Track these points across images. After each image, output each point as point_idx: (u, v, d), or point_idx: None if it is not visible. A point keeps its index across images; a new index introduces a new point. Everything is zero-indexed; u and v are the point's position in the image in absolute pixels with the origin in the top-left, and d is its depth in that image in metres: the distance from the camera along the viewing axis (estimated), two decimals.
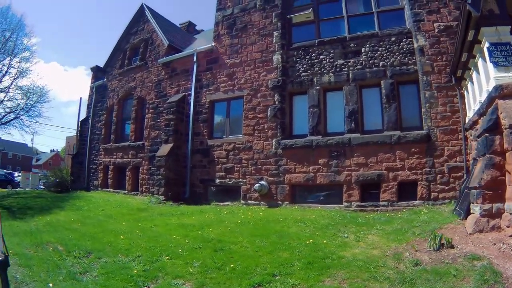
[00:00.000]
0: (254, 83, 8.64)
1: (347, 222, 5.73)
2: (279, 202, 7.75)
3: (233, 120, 9.02)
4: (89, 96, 15.14)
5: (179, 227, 5.93)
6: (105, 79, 14.05)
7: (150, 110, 11.24)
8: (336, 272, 3.46)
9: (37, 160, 55.60)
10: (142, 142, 11.23)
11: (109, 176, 12.53)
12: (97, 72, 14.96)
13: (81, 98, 29.17)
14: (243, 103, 8.77)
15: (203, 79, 9.75)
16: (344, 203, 7.10)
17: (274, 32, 8.65)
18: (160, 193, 9.11)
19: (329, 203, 7.27)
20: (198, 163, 9.26)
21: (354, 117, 7.43)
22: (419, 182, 6.64)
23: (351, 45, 7.76)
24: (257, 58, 8.77)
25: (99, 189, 12.79)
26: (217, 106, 9.41)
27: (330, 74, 7.83)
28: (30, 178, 18.45)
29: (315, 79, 7.97)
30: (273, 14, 8.84)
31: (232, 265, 3.83)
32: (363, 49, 7.62)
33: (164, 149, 9.50)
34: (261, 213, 6.76)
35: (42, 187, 18.73)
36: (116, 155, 12.34)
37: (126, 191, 11.45)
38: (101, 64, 14.72)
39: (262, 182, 7.92)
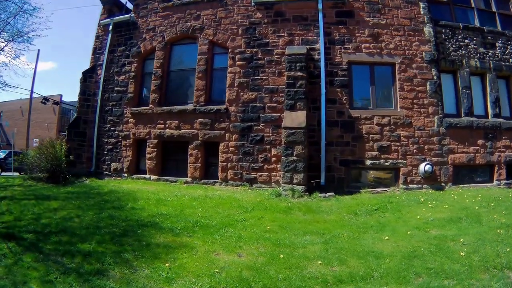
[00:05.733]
0: (407, 51, 7.57)
1: None
2: (443, 184, 7.09)
3: (379, 89, 7.54)
4: (98, 37, 9.75)
5: None
6: (133, 14, 9.08)
7: (238, 62, 7.80)
8: None
9: None
10: (224, 106, 7.60)
11: (147, 156, 8.00)
12: (112, 6, 9.87)
13: (39, 50, 16.72)
14: (393, 72, 7.50)
15: (333, 32, 7.65)
16: (495, 181, 7.40)
17: (420, 3, 7.93)
18: (295, 181, 6.32)
19: (482, 183, 7.39)
20: (337, 139, 7.08)
21: (498, 103, 7.89)
22: None
23: (489, 37, 8.21)
24: (406, 24, 7.75)
25: (125, 175, 8.08)
26: (355, 70, 7.58)
27: (476, 59, 7.96)
28: None
29: (464, 61, 7.89)
30: None
31: None
32: (497, 44, 8.23)
33: (295, 118, 6.69)
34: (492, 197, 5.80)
35: None
36: (164, 124, 8.07)
37: (190, 179, 7.54)
38: None
39: (428, 163, 6.99)
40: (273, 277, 2.92)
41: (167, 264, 3.20)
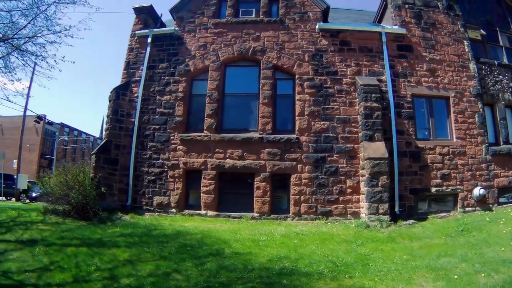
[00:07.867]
0: (458, 86, 8.34)
1: None
2: (490, 205, 7.95)
3: (437, 120, 8.20)
4: (132, 49, 8.95)
5: None
6: (177, 27, 8.66)
7: (307, 90, 7.90)
8: None
9: None
10: (295, 136, 7.63)
11: (203, 190, 7.56)
12: (147, 17, 9.20)
13: (35, 63, 9.13)
14: (447, 105, 8.23)
15: (397, 65, 8.14)
16: None
17: (464, 41, 8.79)
18: (381, 211, 6.69)
19: None
20: (407, 169, 7.58)
21: None
22: None
23: None
24: (455, 61, 8.53)
25: (173, 211, 7.63)
26: (416, 102, 8.14)
27: (509, 93, 9.05)
28: None
29: (500, 95, 8.93)
30: (459, 23, 8.95)
31: None
32: None
33: (376, 149, 7.04)
34: None
35: None
36: (224, 153, 7.73)
37: (257, 214, 7.40)
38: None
39: (481, 187, 7.84)
40: None
41: None
